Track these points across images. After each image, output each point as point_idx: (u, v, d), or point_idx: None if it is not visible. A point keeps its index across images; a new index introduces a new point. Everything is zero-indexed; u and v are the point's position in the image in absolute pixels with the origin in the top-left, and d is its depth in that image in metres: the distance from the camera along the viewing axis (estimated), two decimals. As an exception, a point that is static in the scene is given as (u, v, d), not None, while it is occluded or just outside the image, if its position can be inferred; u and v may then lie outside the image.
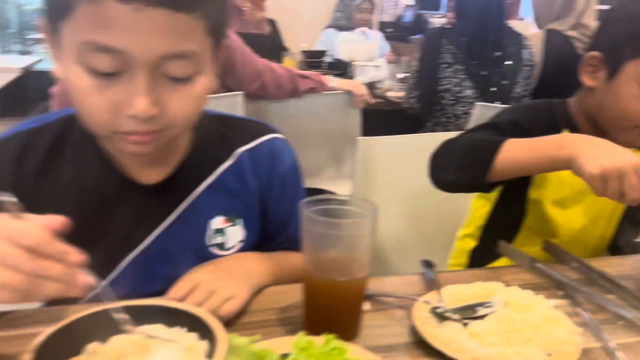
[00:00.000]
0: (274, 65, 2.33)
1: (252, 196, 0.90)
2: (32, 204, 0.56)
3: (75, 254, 0.55)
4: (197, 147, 0.86)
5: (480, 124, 1.17)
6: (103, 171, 0.79)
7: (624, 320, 0.82)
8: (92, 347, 0.63)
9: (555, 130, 1.11)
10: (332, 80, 2.44)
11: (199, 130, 0.85)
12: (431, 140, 1.57)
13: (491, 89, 2.37)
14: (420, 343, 0.72)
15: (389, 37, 4.68)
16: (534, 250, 1.08)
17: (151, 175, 0.82)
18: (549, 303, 0.77)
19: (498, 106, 2.22)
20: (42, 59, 7.65)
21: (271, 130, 0.94)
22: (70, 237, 0.56)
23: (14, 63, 6.75)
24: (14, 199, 0.55)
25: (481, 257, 1.26)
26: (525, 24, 3.49)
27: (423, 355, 0.71)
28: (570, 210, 1.17)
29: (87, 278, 0.56)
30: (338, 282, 0.71)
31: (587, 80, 1.11)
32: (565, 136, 0.94)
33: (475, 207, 1.33)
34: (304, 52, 4.11)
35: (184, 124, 0.74)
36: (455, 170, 1.09)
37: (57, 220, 0.54)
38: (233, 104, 2.14)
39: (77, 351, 0.62)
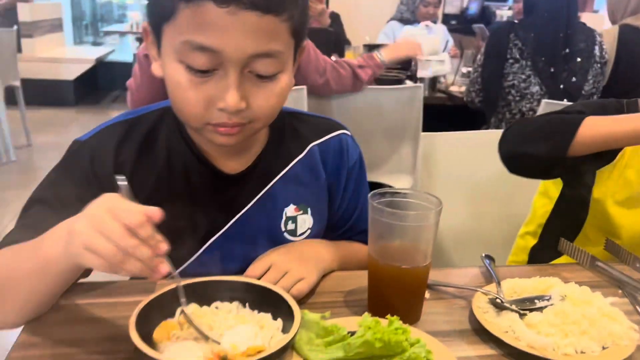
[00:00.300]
0: (336, 60, 2.38)
1: (321, 187, 0.97)
2: (130, 186, 0.65)
3: (164, 244, 0.62)
4: (273, 141, 0.93)
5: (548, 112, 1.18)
6: (192, 160, 0.88)
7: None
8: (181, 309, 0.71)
9: None
10: (379, 55, 2.41)
11: (275, 126, 0.92)
12: (494, 137, 1.58)
13: (559, 86, 2.33)
14: (477, 331, 0.77)
15: (452, 30, 4.62)
16: (595, 250, 1.09)
17: (234, 166, 0.90)
18: (606, 300, 0.79)
19: (565, 104, 2.18)
20: (113, 50, 8.01)
21: (340, 127, 1.00)
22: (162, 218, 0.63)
23: (88, 54, 7.14)
24: (126, 183, 0.64)
25: (541, 255, 1.28)
26: (600, 17, 3.37)
27: (480, 342, 0.75)
28: (634, 211, 1.16)
29: (167, 267, 0.63)
30: (402, 269, 0.76)
31: None
32: None
33: (537, 205, 1.35)
34: (366, 45, 4.14)
35: (267, 118, 0.82)
36: (534, 142, 1.08)
37: (156, 212, 0.61)
38: (298, 98, 2.22)
39: (170, 316, 0.71)
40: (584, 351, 0.71)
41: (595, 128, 1.01)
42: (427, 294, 0.86)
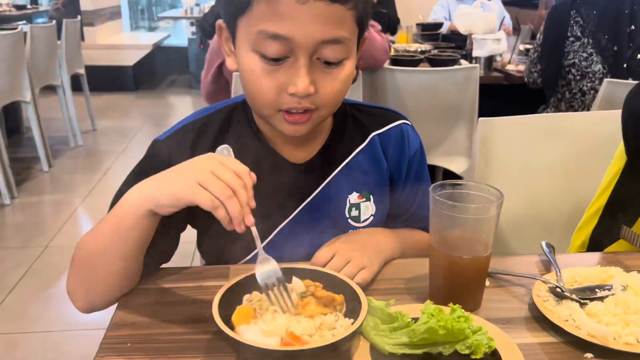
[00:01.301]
0: (374, 35, 2.39)
1: (382, 175, 1.00)
2: None
3: (253, 200, 0.73)
4: (337, 131, 0.98)
5: None
6: (261, 150, 0.94)
7: None
8: (251, 296, 0.77)
9: None
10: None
11: (337, 116, 0.97)
12: (553, 121, 1.58)
13: (623, 65, 2.24)
14: (537, 318, 0.79)
15: (508, 3, 4.48)
16: (660, 237, 1.07)
17: (300, 155, 0.95)
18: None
19: (629, 82, 2.11)
20: (169, 34, 8.20)
21: (400, 117, 1.03)
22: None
23: (145, 40, 7.36)
24: (229, 147, 0.80)
25: (601, 238, 1.27)
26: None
27: (540, 330, 0.77)
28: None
29: (252, 219, 0.73)
30: (462, 259, 0.79)
31: None
32: None
33: (603, 189, 1.33)
34: (419, 24, 4.08)
35: (332, 104, 0.87)
36: None
37: (253, 174, 0.75)
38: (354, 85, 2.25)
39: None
40: None
41: None
42: (487, 282, 0.89)
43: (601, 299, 0.78)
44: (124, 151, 4.48)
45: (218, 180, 0.70)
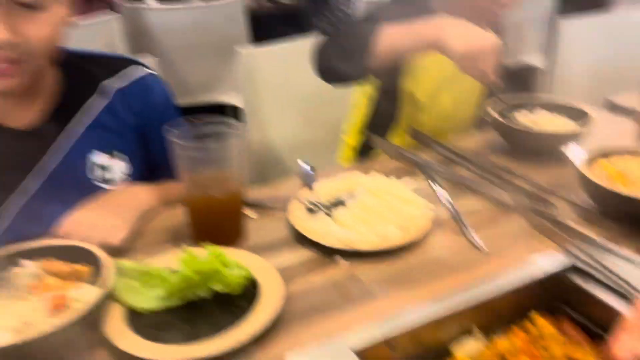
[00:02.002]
0: None
1: (129, 132, 0.93)
2: None
3: None
4: (65, 87, 0.87)
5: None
6: None
7: (471, 190, 0.96)
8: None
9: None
10: None
11: (65, 70, 0.86)
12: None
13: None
14: (296, 236, 0.83)
15: None
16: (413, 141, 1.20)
17: (21, 119, 0.83)
18: (406, 186, 0.89)
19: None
20: None
21: (138, 63, 0.95)
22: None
23: None
24: None
25: (365, 153, 1.37)
26: None
27: (300, 247, 0.81)
28: (440, 98, 1.28)
29: None
30: (214, 198, 0.78)
31: None
32: (434, 19, 1.02)
33: (355, 103, 1.42)
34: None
35: (43, 51, 0.77)
36: (339, 63, 1.15)
37: None
38: (109, 30, 2.07)
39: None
40: (387, 235, 0.79)
41: (388, 43, 1.07)
42: (252, 214, 0.90)
43: (346, 206, 0.84)
44: None
45: None
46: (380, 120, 1.37)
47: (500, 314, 0.74)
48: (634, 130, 1.08)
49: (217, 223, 0.80)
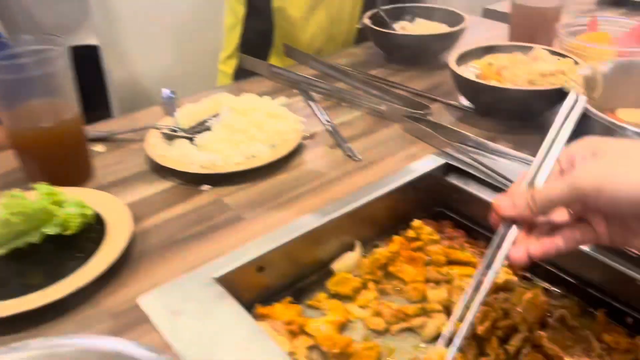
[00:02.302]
0: None
1: None
2: None
3: None
4: None
5: None
6: None
7: (348, 103, 0.91)
8: None
9: None
10: None
11: None
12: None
13: None
14: (155, 168, 0.73)
15: None
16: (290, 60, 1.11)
17: None
18: (274, 102, 0.81)
19: None
20: None
21: None
22: None
23: None
24: None
25: (242, 78, 1.28)
26: None
27: (159, 179, 0.71)
28: (315, 13, 1.20)
29: None
30: (45, 130, 0.66)
31: None
32: None
33: (228, 27, 1.31)
34: None
35: None
36: None
37: None
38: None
39: None
40: (255, 155, 0.72)
41: None
42: (101, 148, 0.78)
43: (209, 128, 0.75)
44: None
45: None
46: (255, 42, 1.27)
47: (381, 225, 0.70)
48: (507, 32, 1.08)
49: (53, 160, 0.68)
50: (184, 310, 0.51)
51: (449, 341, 0.45)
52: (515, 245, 0.45)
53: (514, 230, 0.45)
